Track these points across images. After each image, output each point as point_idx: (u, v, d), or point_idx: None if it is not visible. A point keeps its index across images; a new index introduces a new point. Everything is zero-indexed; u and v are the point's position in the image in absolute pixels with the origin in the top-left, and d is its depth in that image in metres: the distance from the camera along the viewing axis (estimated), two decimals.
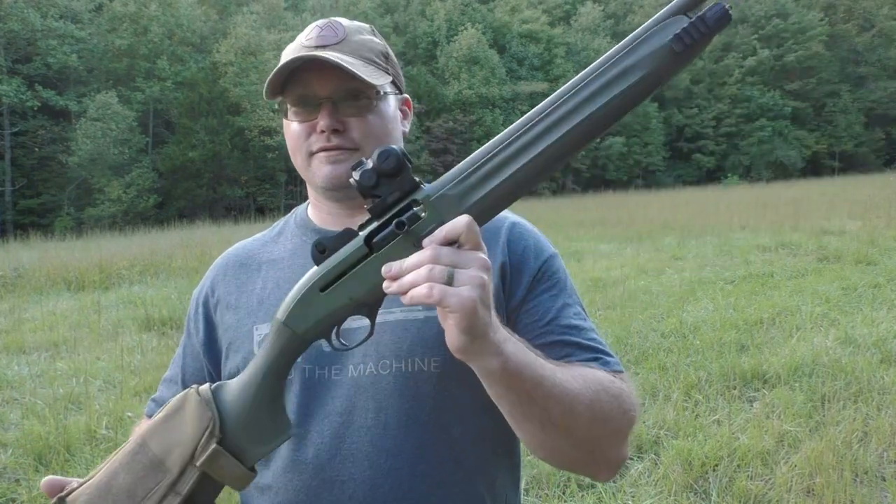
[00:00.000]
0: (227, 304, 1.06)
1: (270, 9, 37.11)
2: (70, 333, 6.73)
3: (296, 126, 0.99)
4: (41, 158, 30.56)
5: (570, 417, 0.81)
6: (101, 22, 33.44)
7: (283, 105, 1.01)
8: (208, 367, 1.07)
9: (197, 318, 1.09)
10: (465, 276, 0.69)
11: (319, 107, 0.96)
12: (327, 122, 0.95)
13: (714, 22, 0.71)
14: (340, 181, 0.96)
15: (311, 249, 0.78)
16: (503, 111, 40.73)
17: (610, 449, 0.89)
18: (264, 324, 0.99)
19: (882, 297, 6.49)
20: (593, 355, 0.94)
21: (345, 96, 0.96)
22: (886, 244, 9.69)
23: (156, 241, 16.07)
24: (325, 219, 1.06)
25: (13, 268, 11.13)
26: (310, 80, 0.96)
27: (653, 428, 3.70)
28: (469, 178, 0.75)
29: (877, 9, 48.51)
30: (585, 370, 0.88)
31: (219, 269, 1.11)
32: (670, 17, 0.73)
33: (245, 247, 1.12)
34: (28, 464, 3.61)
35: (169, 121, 34.37)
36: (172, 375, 1.12)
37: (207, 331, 1.07)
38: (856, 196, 18.42)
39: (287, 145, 1.04)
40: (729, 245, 10.83)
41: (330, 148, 0.97)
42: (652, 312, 6.36)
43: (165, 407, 0.82)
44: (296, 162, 1.02)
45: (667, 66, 0.72)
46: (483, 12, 45.15)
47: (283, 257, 1.06)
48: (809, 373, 4.39)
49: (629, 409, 0.89)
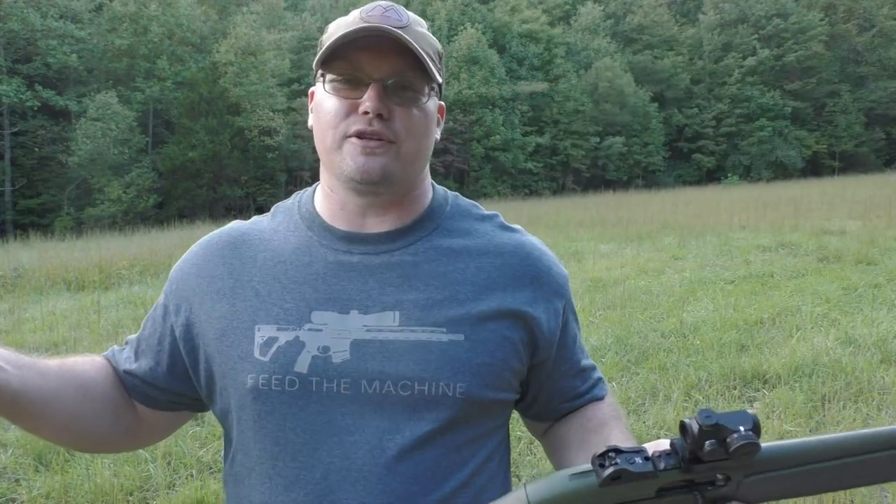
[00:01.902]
0: (217, 289, 0.94)
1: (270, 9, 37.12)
2: (70, 333, 6.72)
3: (334, 102, 0.89)
4: (41, 158, 30.56)
5: None
6: (101, 22, 33.44)
7: (322, 77, 0.91)
8: (184, 353, 0.96)
9: (177, 294, 0.97)
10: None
11: (367, 87, 0.87)
12: (374, 104, 0.86)
13: None
14: (371, 175, 0.88)
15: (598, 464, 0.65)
16: (503, 111, 40.72)
17: None
18: (267, 325, 0.89)
19: (882, 297, 6.49)
20: (595, 383, 1.05)
21: (396, 83, 0.88)
22: (886, 244, 9.69)
23: (156, 241, 16.06)
24: (335, 214, 0.95)
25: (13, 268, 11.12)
26: (361, 57, 0.88)
27: (653, 428, 3.70)
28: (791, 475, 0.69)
29: (877, 9, 48.51)
30: (618, 419, 0.98)
31: (207, 249, 0.99)
32: None
33: (239, 229, 1.00)
34: (28, 464, 3.60)
35: (169, 121, 34.37)
36: (134, 340, 1.03)
37: (188, 313, 0.96)
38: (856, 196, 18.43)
39: (315, 121, 0.94)
40: (729, 245, 10.83)
41: (369, 134, 0.87)
42: (652, 312, 6.36)
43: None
44: (325, 142, 0.91)
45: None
46: (483, 12, 45.14)
47: (285, 249, 0.95)
48: (809, 373, 4.39)
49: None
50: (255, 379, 0.88)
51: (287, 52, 35.26)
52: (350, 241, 0.93)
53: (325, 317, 0.89)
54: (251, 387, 0.88)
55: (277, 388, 0.87)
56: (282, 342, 0.88)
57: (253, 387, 0.88)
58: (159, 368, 0.98)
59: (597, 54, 46.13)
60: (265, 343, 0.89)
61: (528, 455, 3.50)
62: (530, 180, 41.32)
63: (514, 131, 40.99)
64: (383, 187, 0.90)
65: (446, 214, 0.99)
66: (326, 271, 0.91)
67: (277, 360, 0.88)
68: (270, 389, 0.87)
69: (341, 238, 0.94)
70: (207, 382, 0.95)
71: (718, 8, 49.83)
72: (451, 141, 38.12)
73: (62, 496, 3.22)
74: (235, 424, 0.92)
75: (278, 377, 0.87)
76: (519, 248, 0.97)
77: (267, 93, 33.06)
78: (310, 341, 0.88)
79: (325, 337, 0.87)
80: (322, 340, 0.87)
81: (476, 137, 39.43)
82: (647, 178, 44.69)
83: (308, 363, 0.87)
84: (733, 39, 48.48)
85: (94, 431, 0.93)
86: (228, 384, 0.91)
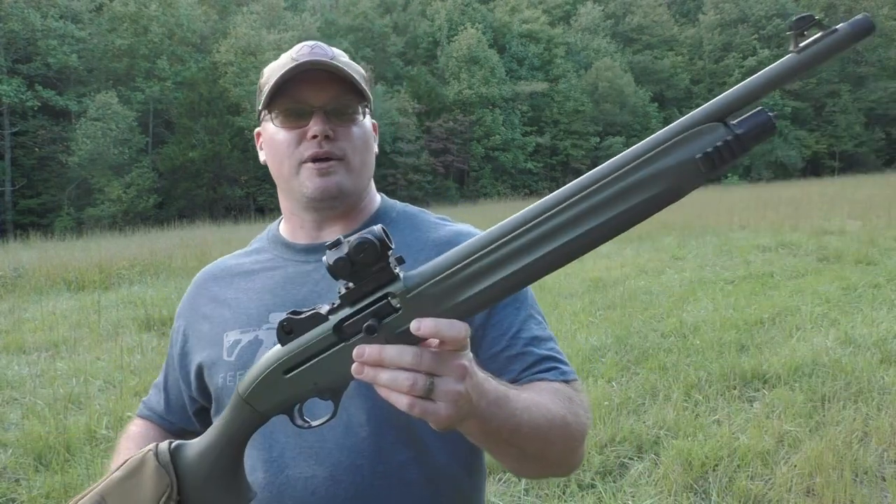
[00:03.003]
0: (202, 315, 1.10)
1: (270, 9, 37.09)
2: (70, 333, 6.73)
3: (284, 134, 1.02)
4: (41, 158, 30.55)
5: (543, 449, 0.87)
6: (101, 22, 33.42)
7: (267, 115, 1.05)
8: (181, 377, 1.13)
9: (178, 329, 1.15)
10: (443, 388, 0.68)
11: (310, 115, 1.00)
12: (321, 127, 0.99)
13: (753, 139, 0.63)
14: (329, 192, 1.02)
15: (276, 329, 0.76)
16: (503, 111, 40.72)
17: (573, 457, 0.95)
18: (233, 330, 1.04)
19: (882, 297, 6.49)
20: (551, 365, 0.99)
21: (335, 108, 1.01)
22: (886, 244, 9.69)
23: (156, 241, 16.06)
24: (295, 232, 1.10)
25: (13, 268, 11.12)
26: (301, 91, 1.00)
27: (653, 428, 3.70)
28: (452, 277, 0.69)
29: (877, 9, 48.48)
30: (551, 394, 0.93)
31: (197, 285, 1.16)
32: (705, 123, 0.64)
33: (222, 262, 1.18)
34: (28, 464, 3.61)
35: (169, 121, 34.35)
36: (159, 381, 1.19)
37: (182, 342, 1.12)
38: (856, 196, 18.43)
39: (268, 155, 1.07)
40: (729, 245, 10.83)
41: (321, 155, 1.00)
42: (652, 312, 6.36)
43: (125, 464, 0.84)
44: (281, 171, 1.04)
45: (689, 182, 0.65)
46: (483, 12, 45.13)
47: (255, 270, 1.11)
48: (809, 373, 4.39)
49: (586, 420, 0.95)
50: (224, 377, 1.02)
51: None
52: (307, 252, 1.07)
53: (280, 317, 0.98)
54: (221, 385, 1.02)
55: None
56: (244, 342, 1.02)
57: (223, 385, 1.02)
58: (184, 397, 1.15)
59: (597, 54, 46.12)
60: (231, 345, 1.03)
61: None
62: (530, 180, 41.30)
63: (514, 131, 40.98)
64: (339, 201, 1.04)
65: (392, 218, 1.11)
66: (285, 280, 1.06)
67: (241, 358, 1.01)
68: (236, 384, 0.97)
69: (300, 251, 1.08)
70: (203, 393, 1.09)
71: (718, 8, 49.81)
72: (451, 141, 38.11)
73: (62, 496, 3.22)
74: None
75: (241, 372, 0.99)
76: (454, 237, 1.05)
77: None
78: (267, 338, 1.01)
79: None
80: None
81: (476, 137, 39.42)
82: None
83: None
84: (733, 39, 48.47)
85: None
86: (212, 389, 1.05)
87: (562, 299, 7.28)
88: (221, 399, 1.02)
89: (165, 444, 0.84)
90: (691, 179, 0.64)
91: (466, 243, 0.70)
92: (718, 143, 0.63)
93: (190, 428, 1.15)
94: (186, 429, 1.15)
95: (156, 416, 1.16)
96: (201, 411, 1.14)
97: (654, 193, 0.65)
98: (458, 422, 0.72)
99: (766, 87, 0.63)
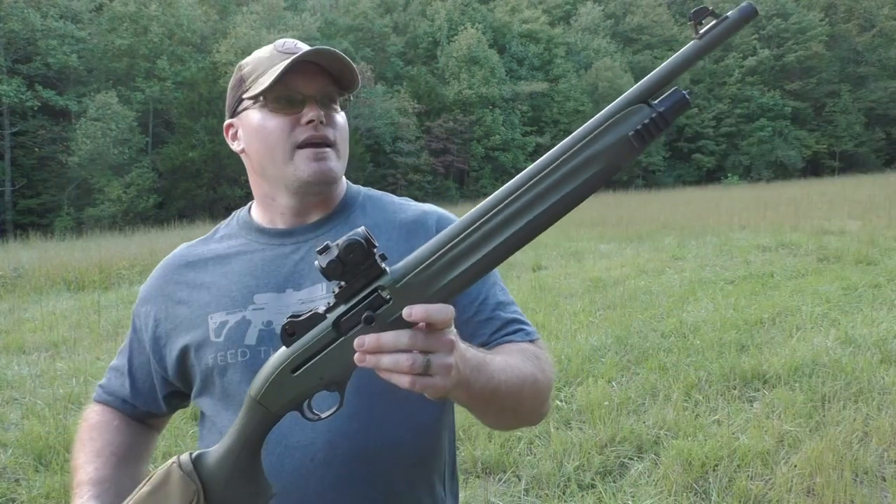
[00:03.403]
0: (177, 300, 1.12)
1: (270, 9, 37.09)
2: (70, 333, 6.73)
3: (277, 121, 1.05)
4: (41, 158, 30.55)
5: (518, 404, 0.97)
6: (101, 22, 33.41)
7: (254, 104, 1.07)
8: (153, 361, 1.14)
9: (147, 314, 1.15)
10: (438, 363, 0.76)
11: (303, 103, 1.04)
12: (317, 112, 1.04)
13: (673, 113, 0.74)
14: (325, 176, 1.06)
15: (280, 332, 0.82)
16: (503, 111, 40.71)
17: (543, 407, 1.05)
18: (217, 313, 1.07)
19: (882, 297, 6.49)
20: (517, 327, 1.09)
21: (324, 97, 1.06)
22: (886, 244, 9.69)
23: (156, 241, 16.06)
24: (273, 217, 1.12)
25: (13, 268, 11.13)
26: (293, 80, 1.03)
27: (653, 428, 3.70)
28: (432, 266, 0.77)
29: (877, 9, 48.50)
30: (520, 354, 1.02)
31: (165, 270, 1.18)
32: (632, 106, 0.74)
33: (188, 249, 1.19)
34: (28, 464, 3.61)
35: (169, 121, 34.33)
36: (119, 365, 1.19)
37: (154, 327, 1.13)
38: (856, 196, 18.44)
39: (254, 143, 1.08)
40: (729, 245, 10.83)
41: (317, 139, 1.04)
42: (652, 312, 6.36)
43: (150, 479, 0.89)
44: (273, 156, 1.06)
45: (623, 158, 0.75)
46: (483, 12, 45.13)
47: (230, 254, 1.13)
48: (809, 373, 4.39)
49: (551, 374, 1.05)
50: (214, 357, 1.05)
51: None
52: (283, 236, 1.11)
53: (265, 297, 1.06)
54: (212, 365, 1.05)
55: (232, 360, 1.04)
56: (231, 323, 1.05)
57: (213, 364, 1.05)
58: (152, 382, 1.17)
59: (597, 54, 46.11)
60: (218, 327, 1.06)
61: (527, 455, 3.50)
62: None
63: (514, 131, 40.98)
64: (328, 186, 1.09)
65: (359, 202, 1.16)
66: (264, 262, 1.09)
67: (230, 338, 1.05)
68: (227, 363, 1.04)
69: (275, 235, 1.11)
70: (183, 376, 1.12)
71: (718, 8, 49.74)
72: (451, 141, 38.11)
73: (62, 496, 3.23)
74: (208, 404, 1.09)
75: (232, 351, 1.04)
76: (420, 216, 1.13)
77: None
78: (255, 318, 1.05)
79: (267, 313, 1.05)
80: (265, 316, 1.05)
81: (476, 137, 39.41)
82: (647, 178, 44.68)
83: (256, 336, 1.04)
84: (733, 39, 48.44)
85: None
86: (196, 371, 1.08)
87: (562, 299, 7.28)
88: (213, 378, 1.06)
89: (186, 455, 0.89)
90: (627, 154, 0.75)
91: (442, 233, 0.79)
92: (646, 120, 0.74)
93: (155, 411, 1.18)
94: (152, 412, 1.18)
95: (117, 401, 1.18)
96: (173, 395, 1.17)
97: (598, 169, 0.75)
98: (451, 390, 0.79)
99: (676, 70, 0.75)
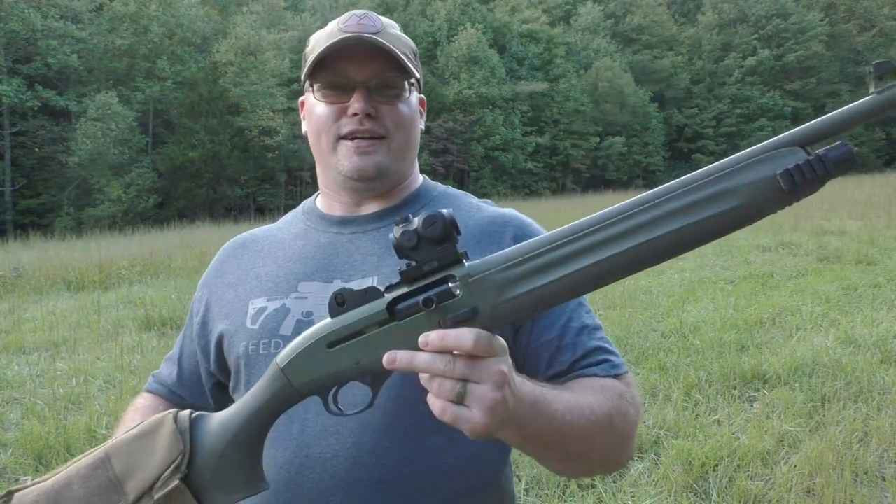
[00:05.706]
0: (227, 282, 1.07)
1: (270, 9, 37.10)
2: (70, 333, 6.72)
3: (324, 108, 0.99)
4: (41, 158, 30.52)
5: (588, 449, 0.84)
6: (102, 22, 33.37)
7: (309, 87, 1.01)
8: (198, 349, 1.08)
9: (201, 299, 1.10)
10: (477, 395, 0.66)
11: (353, 91, 0.97)
12: (362, 105, 0.96)
13: (835, 165, 0.63)
14: (367, 173, 0.98)
15: (329, 300, 0.73)
16: (503, 111, 40.69)
17: (621, 454, 0.92)
18: (259, 298, 1.00)
19: (882, 297, 6.48)
20: (602, 357, 0.96)
21: (379, 84, 0.97)
22: (886, 244, 9.69)
23: (156, 241, 16.06)
24: (332, 204, 1.07)
25: (13, 268, 11.12)
26: (344, 65, 0.97)
27: (653, 428, 3.69)
28: (519, 266, 0.68)
29: (877, 9, 48.47)
30: (598, 391, 0.89)
31: (224, 253, 1.13)
32: (785, 147, 0.65)
33: (252, 232, 1.15)
34: (28, 464, 3.61)
35: (169, 121, 34.32)
36: (172, 354, 1.14)
37: (204, 311, 1.08)
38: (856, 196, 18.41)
39: (309, 127, 1.04)
40: (729, 245, 10.82)
41: (361, 132, 0.97)
42: (652, 312, 6.36)
43: (140, 424, 0.79)
44: (319, 145, 1.01)
45: (767, 201, 0.64)
46: (483, 12, 45.11)
47: (286, 239, 1.07)
48: (809, 373, 4.39)
49: (635, 417, 0.92)
50: (245, 345, 0.97)
51: (287, 52, 35.21)
52: (342, 224, 1.04)
53: (310, 286, 0.98)
54: (242, 353, 0.97)
55: (264, 351, 0.95)
56: (270, 310, 0.98)
57: (244, 352, 0.97)
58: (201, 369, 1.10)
59: (597, 54, 46.09)
60: (256, 313, 0.98)
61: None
62: (530, 180, 41.30)
63: (514, 131, 40.96)
64: (378, 182, 1.01)
65: (433, 198, 1.07)
66: (317, 250, 1.02)
67: (265, 326, 0.97)
68: (258, 353, 0.96)
69: (335, 222, 1.04)
70: (222, 366, 1.05)
71: (718, 8, 49.78)
72: (451, 141, 38.09)
73: None
74: (239, 393, 0.99)
75: (265, 341, 0.96)
76: (496, 218, 1.03)
77: (267, 93, 33.04)
78: (295, 308, 0.97)
79: (310, 303, 0.96)
80: (306, 307, 0.96)
81: (476, 137, 39.39)
82: (647, 178, 44.66)
83: (292, 326, 0.95)
84: (733, 39, 48.44)
85: None
86: (231, 358, 1.01)
87: None
88: (241, 369, 0.98)
89: (187, 412, 0.78)
90: (771, 195, 0.64)
91: (534, 239, 0.70)
92: (800, 162, 0.63)
93: (203, 404, 1.08)
94: (198, 405, 1.07)
95: (165, 390, 1.11)
96: (217, 388, 1.08)
97: (735, 204, 0.64)
98: (496, 429, 0.69)
99: (844, 123, 0.65)
